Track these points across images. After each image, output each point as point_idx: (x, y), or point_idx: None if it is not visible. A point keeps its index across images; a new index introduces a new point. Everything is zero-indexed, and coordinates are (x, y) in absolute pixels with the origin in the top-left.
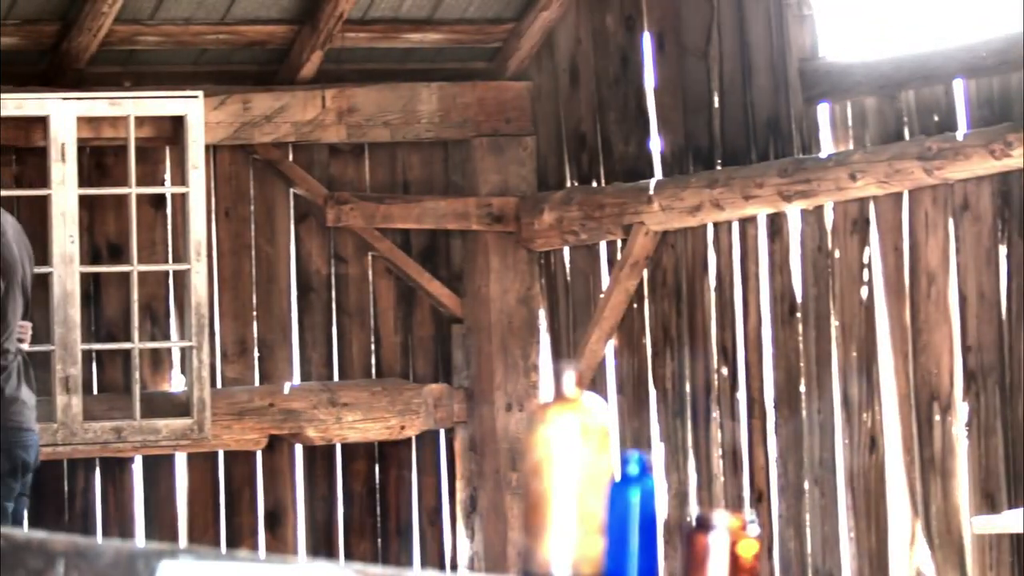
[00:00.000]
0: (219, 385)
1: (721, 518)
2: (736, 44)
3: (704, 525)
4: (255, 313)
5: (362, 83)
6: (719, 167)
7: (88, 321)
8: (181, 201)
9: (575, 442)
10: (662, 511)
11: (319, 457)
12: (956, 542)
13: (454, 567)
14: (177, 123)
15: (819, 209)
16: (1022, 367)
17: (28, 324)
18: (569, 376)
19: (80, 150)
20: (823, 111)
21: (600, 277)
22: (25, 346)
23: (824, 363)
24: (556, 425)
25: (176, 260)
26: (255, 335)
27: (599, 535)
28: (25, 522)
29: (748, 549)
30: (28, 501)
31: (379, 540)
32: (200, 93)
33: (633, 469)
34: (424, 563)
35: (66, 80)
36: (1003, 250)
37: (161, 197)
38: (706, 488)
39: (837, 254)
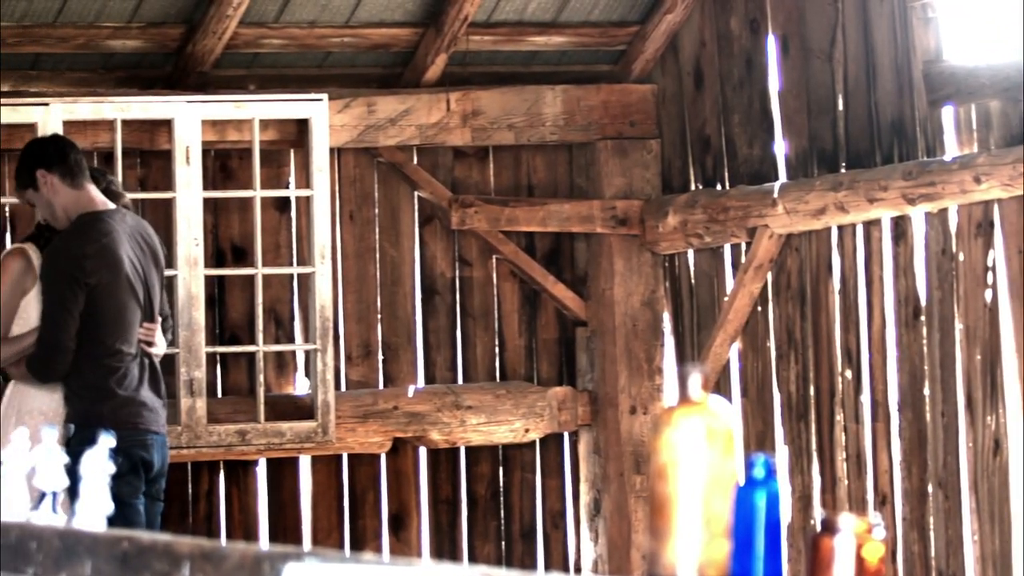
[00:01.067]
0: (343, 388)
1: (847, 521)
2: (860, 47)
3: (830, 528)
4: (379, 316)
5: (486, 86)
6: (843, 170)
7: (212, 324)
8: (305, 204)
9: (701, 445)
10: (786, 514)
11: (443, 460)
12: None
13: (578, 570)
14: (302, 126)
15: (943, 212)
16: None
17: (153, 326)
18: (695, 379)
19: (205, 153)
20: (947, 114)
21: (724, 280)
22: (156, 349)
23: (948, 366)
24: (682, 428)
25: (300, 263)
26: (379, 338)
27: (724, 538)
28: (158, 526)
29: (874, 552)
30: (162, 506)
31: (503, 543)
32: (325, 96)
33: (759, 472)
34: (548, 566)
35: (190, 83)
36: None
37: (285, 200)
38: (830, 491)
39: (961, 257)
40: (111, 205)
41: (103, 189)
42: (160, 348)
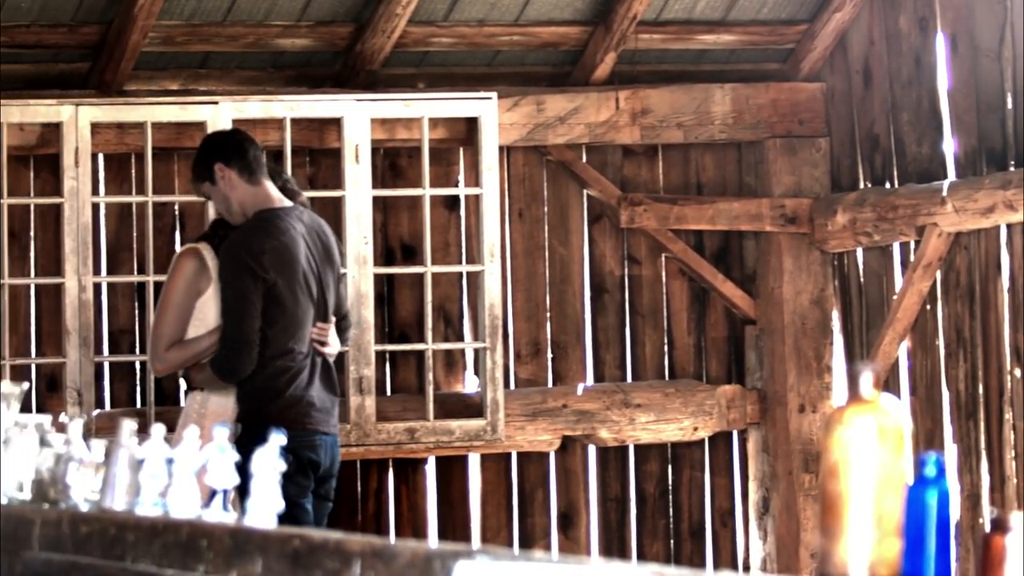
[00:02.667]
0: (512, 386)
1: (1018, 520)
2: None
3: (1001, 527)
4: (548, 314)
5: (655, 84)
6: (1012, 168)
7: (381, 322)
8: (475, 202)
9: (872, 443)
10: (955, 513)
11: (612, 458)
12: None
13: (746, 569)
14: (471, 124)
15: None
16: None
17: (326, 326)
18: (867, 377)
19: (374, 151)
20: None
21: (893, 278)
22: (329, 349)
23: None
24: (853, 426)
25: (470, 261)
26: (548, 336)
27: (896, 537)
28: (325, 526)
29: None
30: (331, 506)
31: (671, 542)
32: (494, 94)
33: (930, 471)
34: (717, 565)
35: (359, 81)
36: None
37: (455, 198)
38: (999, 490)
39: None
40: (287, 203)
41: (280, 187)
42: (334, 348)
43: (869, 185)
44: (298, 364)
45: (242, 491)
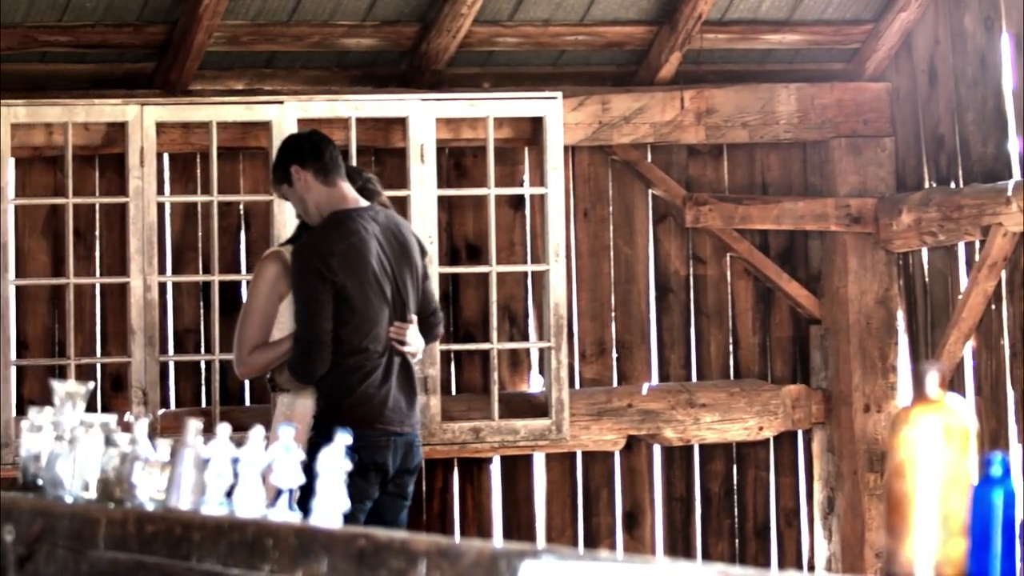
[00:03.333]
0: (577, 386)
1: None
2: None
3: None
4: (613, 314)
5: (720, 84)
6: None
7: (447, 322)
8: (540, 202)
9: (938, 443)
10: (1020, 513)
11: (677, 458)
12: None
13: (811, 568)
14: (536, 124)
15: None
16: None
17: (405, 325)
18: (932, 377)
19: (439, 151)
20: None
21: (958, 278)
22: (410, 348)
23: None
24: (920, 426)
25: (535, 261)
26: (613, 336)
27: (961, 537)
28: (404, 523)
29: None
30: (406, 504)
31: (736, 541)
32: (559, 94)
33: (996, 471)
34: (782, 564)
35: (424, 81)
36: None
37: (520, 198)
38: None
39: None
40: (363, 203)
41: (359, 187)
42: (415, 346)
43: (934, 185)
44: (372, 363)
45: (310, 489)
